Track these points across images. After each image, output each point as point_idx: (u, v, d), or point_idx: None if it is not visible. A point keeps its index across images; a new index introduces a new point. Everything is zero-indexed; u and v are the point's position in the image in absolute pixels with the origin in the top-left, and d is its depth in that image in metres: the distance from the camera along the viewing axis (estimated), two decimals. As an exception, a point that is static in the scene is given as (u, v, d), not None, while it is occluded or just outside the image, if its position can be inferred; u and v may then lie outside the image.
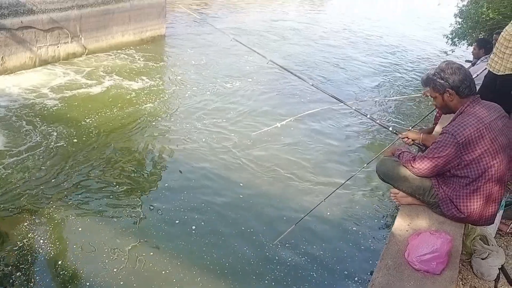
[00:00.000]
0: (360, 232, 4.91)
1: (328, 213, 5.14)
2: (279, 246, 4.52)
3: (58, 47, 9.45)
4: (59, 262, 4.08)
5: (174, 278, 4.01)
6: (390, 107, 8.96)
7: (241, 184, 5.61)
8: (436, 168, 2.75)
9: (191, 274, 4.07)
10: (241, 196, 5.37)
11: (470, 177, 2.67)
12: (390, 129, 3.60)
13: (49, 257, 4.15)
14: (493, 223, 2.92)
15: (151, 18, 11.94)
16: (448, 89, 2.74)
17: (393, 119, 8.21)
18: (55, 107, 7.39)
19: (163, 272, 4.06)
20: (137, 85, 8.73)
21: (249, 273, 4.18)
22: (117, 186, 5.35)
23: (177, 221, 4.80)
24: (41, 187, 5.16)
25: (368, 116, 3.83)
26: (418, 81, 10.49)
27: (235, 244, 4.54)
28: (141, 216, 4.84)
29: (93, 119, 7.03)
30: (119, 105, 7.71)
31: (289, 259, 4.38)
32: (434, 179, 2.85)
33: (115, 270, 4.03)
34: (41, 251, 4.21)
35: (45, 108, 7.32)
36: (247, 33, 14.03)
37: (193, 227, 4.71)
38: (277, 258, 4.38)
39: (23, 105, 7.37)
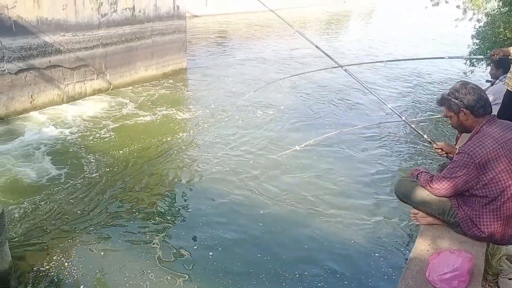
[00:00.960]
0: (381, 254, 4.84)
1: (352, 241, 5.09)
2: (297, 274, 4.48)
3: (84, 83, 9.87)
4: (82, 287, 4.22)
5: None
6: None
7: (261, 212, 5.61)
8: (454, 188, 2.72)
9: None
10: (260, 224, 5.36)
11: (489, 196, 2.63)
12: (425, 136, 3.39)
13: (73, 282, 4.27)
14: (516, 241, 2.86)
15: (172, 53, 12.39)
16: (462, 108, 2.74)
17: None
18: (97, 137, 7.80)
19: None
20: (172, 116, 9.08)
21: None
22: (141, 214, 5.48)
23: (195, 247, 4.85)
24: (69, 218, 5.34)
25: (403, 118, 3.63)
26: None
27: (251, 270, 4.52)
28: (162, 242, 4.92)
29: (130, 149, 7.33)
30: (160, 135, 8.03)
31: (310, 286, 4.33)
32: (453, 199, 2.81)
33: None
34: (67, 274, 4.35)
35: (83, 139, 7.74)
36: (271, 61, 14.35)
37: (210, 253, 4.74)
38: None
39: (59, 135, 7.87)
